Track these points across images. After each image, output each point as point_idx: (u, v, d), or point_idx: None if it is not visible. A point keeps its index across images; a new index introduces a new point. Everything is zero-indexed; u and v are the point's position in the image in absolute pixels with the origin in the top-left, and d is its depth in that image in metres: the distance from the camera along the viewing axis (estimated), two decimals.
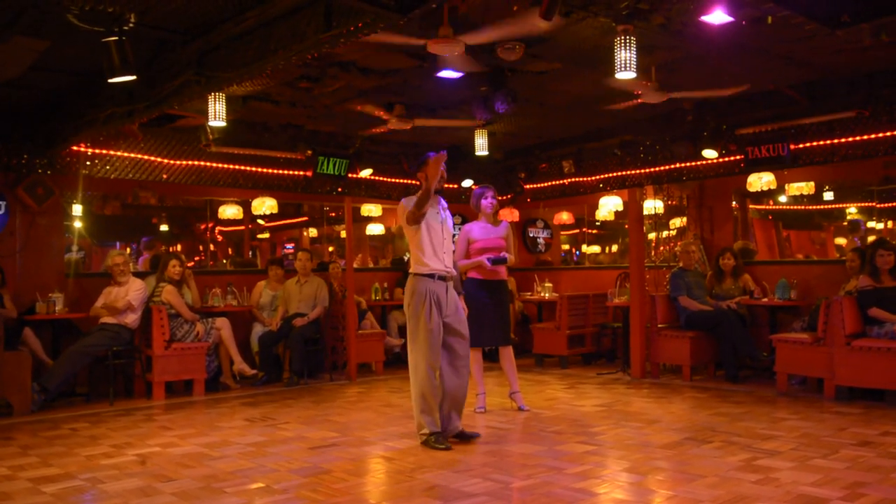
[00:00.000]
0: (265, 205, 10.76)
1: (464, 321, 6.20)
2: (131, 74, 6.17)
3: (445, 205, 6.33)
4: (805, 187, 10.63)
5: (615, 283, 10.97)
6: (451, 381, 6.08)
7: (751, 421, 6.76)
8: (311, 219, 14.42)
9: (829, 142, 9.06)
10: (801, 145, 9.24)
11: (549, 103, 9.48)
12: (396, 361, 10.94)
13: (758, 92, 9.14)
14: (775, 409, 7.38)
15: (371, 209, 12.48)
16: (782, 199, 11.65)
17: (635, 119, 10.41)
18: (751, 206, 11.39)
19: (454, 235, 6.47)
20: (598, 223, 13.76)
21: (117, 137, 9.09)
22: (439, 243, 6.08)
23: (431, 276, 6.00)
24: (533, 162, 12.31)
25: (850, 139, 8.90)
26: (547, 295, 11.75)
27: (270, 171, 10.71)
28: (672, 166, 10.58)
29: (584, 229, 13.98)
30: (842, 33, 6.74)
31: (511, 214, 12.57)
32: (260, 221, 13.41)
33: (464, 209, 12.05)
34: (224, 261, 13.32)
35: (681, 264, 9.81)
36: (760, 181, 9.78)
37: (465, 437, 6.12)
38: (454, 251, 6.44)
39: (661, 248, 11.43)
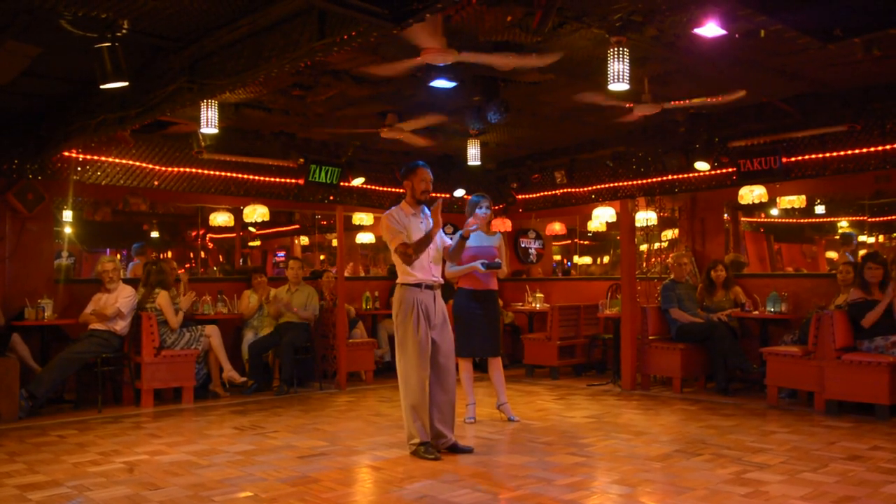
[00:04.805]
0: (256, 212, 10.73)
1: (450, 336, 6.16)
2: (123, 81, 6.16)
3: (428, 212, 6.30)
4: (796, 200, 10.67)
5: (606, 295, 10.98)
6: (439, 396, 6.05)
7: (741, 434, 6.76)
8: (303, 227, 14.41)
9: (820, 155, 9.10)
10: (793, 158, 9.28)
11: (541, 114, 9.50)
12: (386, 370, 10.91)
13: (750, 105, 9.18)
14: (765, 422, 7.38)
15: (362, 218, 12.46)
16: (774, 212, 11.69)
17: (628, 130, 10.44)
18: (742, 219, 11.42)
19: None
20: (590, 234, 13.78)
21: (109, 144, 9.08)
22: (425, 252, 6.06)
23: (418, 285, 5.99)
24: (525, 172, 12.33)
25: (842, 153, 8.94)
26: (538, 305, 11.74)
27: (262, 178, 10.72)
28: (664, 178, 10.61)
29: (576, 240, 13.99)
30: (834, 47, 6.78)
31: (503, 224, 12.57)
32: (251, 229, 13.39)
33: (456, 219, 12.05)
34: (214, 268, 13.30)
35: (672, 276, 9.81)
36: (752, 194, 9.79)
37: (459, 451, 6.09)
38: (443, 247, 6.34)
39: (653, 259, 11.45)
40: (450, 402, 6.10)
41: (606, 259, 14.97)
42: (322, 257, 13.95)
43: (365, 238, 13.71)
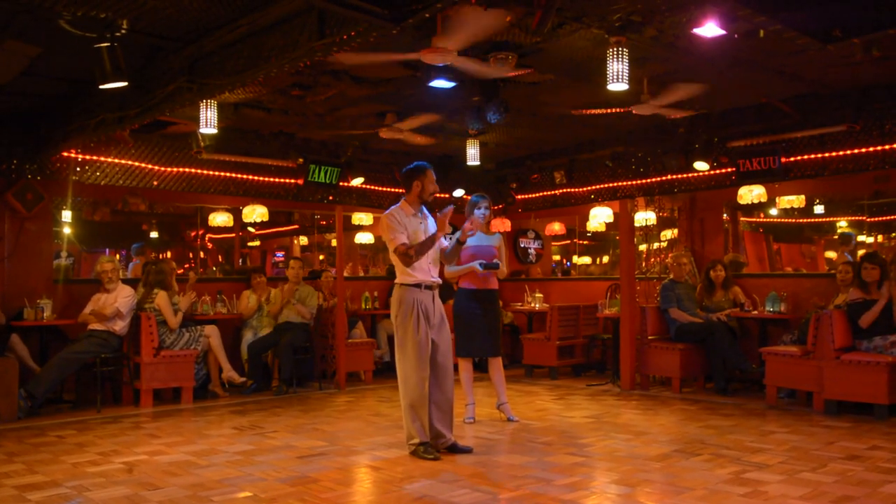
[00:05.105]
0: (256, 212, 10.73)
1: (448, 335, 6.16)
2: (123, 81, 6.17)
3: (427, 213, 6.29)
4: (796, 201, 10.68)
5: (606, 295, 10.97)
6: (437, 396, 6.04)
7: (740, 434, 6.76)
8: (302, 227, 14.41)
9: (819, 155, 9.10)
10: (792, 159, 9.29)
11: (541, 114, 9.50)
12: (385, 370, 10.90)
13: (749, 105, 9.18)
14: (764, 422, 7.38)
15: (362, 218, 12.46)
16: (773, 212, 11.70)
17: (627, 130, 10.44)
18: (742, 219, 11.43)
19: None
20: (589, 234, 13.77)
21: (108, 144, 9.07)
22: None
23: (418, 286, 5.98)
24: (524, 172, 12.33)
25: (841, 153, 8.95)
26: (537, 305, 11.74)
27: (262, 178, 10.71)
28: (663, 178, 10.61)
29: (575, 240, 14.00)
30: (833, 48, 6.78)
31: (502, 225, 12.57)
32: (250, 229, 13.39)
33: (455, 219, 11.97)
34: (213, 268, 13.30)
35: (671, 276, 9.81)
36: (751, 194, 9.80)
37: (458, 451, 6.08)
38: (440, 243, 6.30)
39: (652, 259, 11.45)
40: (448, 401, 6.10)
41: (606, 259, 14.98)
42: (321, 257, 13.95)
43: (364, 238, 13.71)
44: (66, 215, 9.58)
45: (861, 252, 9.50)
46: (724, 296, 9.64)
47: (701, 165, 9.90)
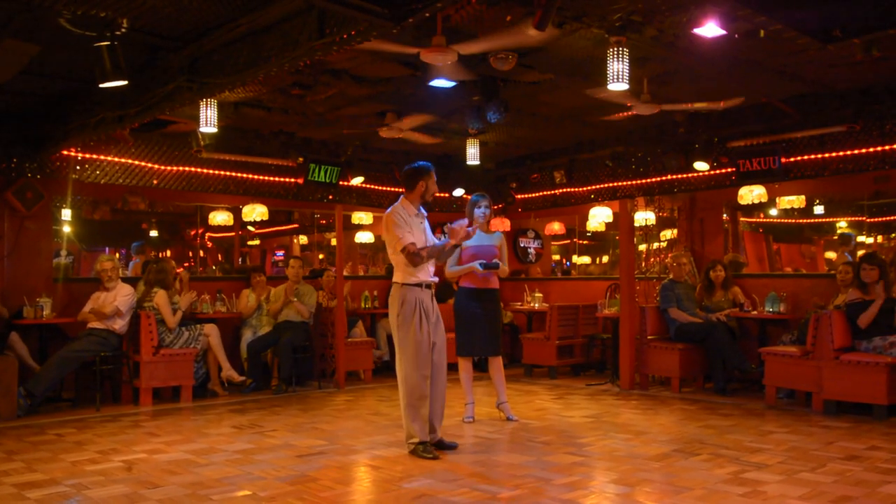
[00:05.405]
0: (255, 211, 10.73)
1: (443, 333, 6.17)
2: (123, 79, 6.17)
3: (425, 213, 6.30)
4: (796, 201, 10.68)
5: (605, 294, 10.97)
6: (431, 392, 6.05)
7: (739, 434, 6.76)
8: (302, 226, 14.41)
9: (820, 156, 9.11)
10: (792, 159, 9.29)
11: (541, 114, 9.50)
12: (385, 370, 10.90)
13: (750, 105, 9.18)
14: (763, 422, 7.38)
15: (361, 217, 12.45)
16: (773, 212, 11.69)
17: (627, 130, 10.45)
18: (742, 219, 11.42)
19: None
20: (589, 234, 13.77)
21: (108, 142, 9.08)
22: None
23: (419, 285, 5.99)
24: (524, 172, 12.34)
25: (841, 153, 8.95)
26: (537, 305, 11.74)
27: (261, 177, 10.72)
28: (663, 178, 10.61)
29: (575, 240, 13.99)
30: (833, 48, 6.79)
31: (502, 224, 12.57)
32: (250, 228, 13.38)
33: (454, 218, 12.01)
34: (213, 267, 13.30)
35: (671, 276, 9.80)
36: (751, 194, 9.79)
37: (444, 447, 6.10)
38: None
39: (652, 259, 11.45)
40: (441, 398, 6.14)
41: (605, 259, 14.97)
42: (321, 256, 13.95)
43: (364, 237, 13.70)
44: (66, 214, 9.59)
45: (861, 252, 9.49)
46: (724, 296, 9.63)
47: (701, 165, 9.90)
